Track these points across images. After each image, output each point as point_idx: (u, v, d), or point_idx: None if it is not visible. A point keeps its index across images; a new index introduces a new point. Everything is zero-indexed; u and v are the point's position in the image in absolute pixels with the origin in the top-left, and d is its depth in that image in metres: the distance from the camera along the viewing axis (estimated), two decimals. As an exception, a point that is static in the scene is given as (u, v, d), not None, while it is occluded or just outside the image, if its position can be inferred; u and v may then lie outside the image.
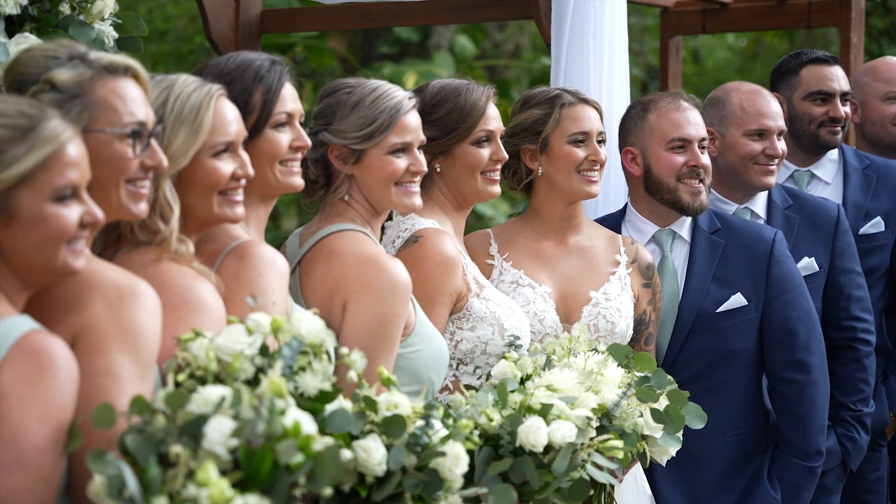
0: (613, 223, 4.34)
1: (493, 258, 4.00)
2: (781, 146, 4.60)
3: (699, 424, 3.49)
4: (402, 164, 3.40)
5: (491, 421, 3.08)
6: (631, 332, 4.01)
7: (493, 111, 3.77)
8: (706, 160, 4.24)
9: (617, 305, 3.96)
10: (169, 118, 2.78)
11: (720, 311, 4.23)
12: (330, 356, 2.84)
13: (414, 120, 3.43)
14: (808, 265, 4.57)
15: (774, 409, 4.35)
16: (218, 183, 2.85)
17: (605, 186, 4.50)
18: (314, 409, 2.58)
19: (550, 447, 3.08)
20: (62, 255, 2.39)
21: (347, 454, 2.56)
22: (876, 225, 4.94)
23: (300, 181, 3.15)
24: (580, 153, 3.97)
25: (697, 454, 4.15)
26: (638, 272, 4.07)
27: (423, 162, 3.44)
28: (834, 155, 5.07)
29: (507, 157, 3.82)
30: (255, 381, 2.56)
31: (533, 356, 3.53)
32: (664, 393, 3.44)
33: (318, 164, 3.41)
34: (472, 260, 3.80)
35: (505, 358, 3.43)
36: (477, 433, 2.96)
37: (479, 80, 3.86)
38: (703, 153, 4.24)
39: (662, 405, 3.42)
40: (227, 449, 2.31)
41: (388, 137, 3.37)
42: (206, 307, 2.72)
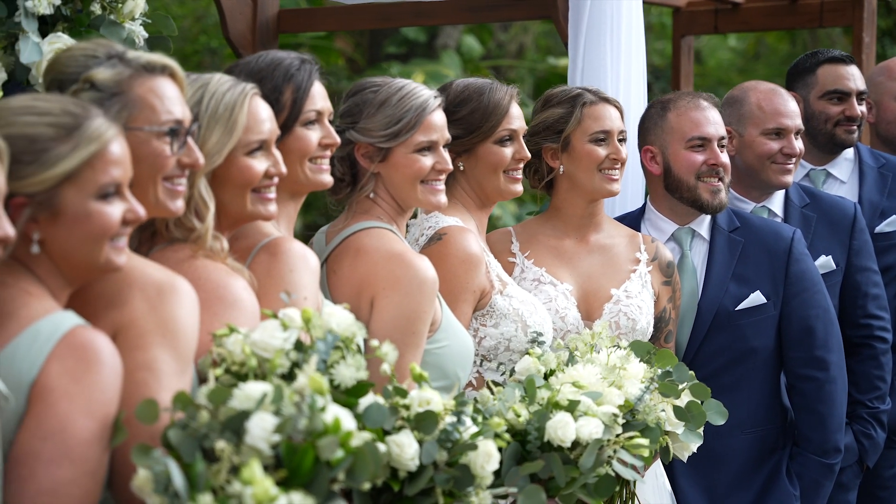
0: (633, 221, 4.35)
1: (514, 256, 4.02)
2: (799, 145, 4.61)
3: (720, 420, 3.50)
4: (427, 162, 3.42)
5: (518, 416, 3.09)
6: (651, 329, 4.03)
7: (516, 110, 3.79)
8: (725, 159, 4.25)
9: (638, 303, 3.98)
10: (204, 117, 2.80)
11: (739, 308, 4.25)
12: (360, 350, 2.86)
13: (440, 118, 3.45)
14: (825, 263, 4.59)
15: (793, 406, 4.37)
16: (252, 181, 2.87)
17: (622, 185, 4.51)
18: (348, 402, 2.59)
19: (577, 443, 3.10)
20: (105, 251, 2.42)
21: (382, 448, 2.58)
22: (891, 223, 4.94)
23: (329, 178, 3.17)
24: (601, 152, 3.99)
25: (716, 451, 4.17)
26: (658, 270, 4.09)
27: (448, 160, 3.46)
28: (850, 154, 5.09)
29: (529, 156, 3.84)
30: (290, 375, 2.57)
31: (556, 352, 3.54)
32: (687, 387, 3.46)
33: (344, 162, 3.43)
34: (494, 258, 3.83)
35: (528, 354, 3.46)
36: (504, 428, 2.98)
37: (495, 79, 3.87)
38: (722, 152, 4.25)
39: (684, 402, 3.44)
40: (269, 445, 2.32)
41: (414, 136, 3.40)
42: (240, 303, 2.74)
